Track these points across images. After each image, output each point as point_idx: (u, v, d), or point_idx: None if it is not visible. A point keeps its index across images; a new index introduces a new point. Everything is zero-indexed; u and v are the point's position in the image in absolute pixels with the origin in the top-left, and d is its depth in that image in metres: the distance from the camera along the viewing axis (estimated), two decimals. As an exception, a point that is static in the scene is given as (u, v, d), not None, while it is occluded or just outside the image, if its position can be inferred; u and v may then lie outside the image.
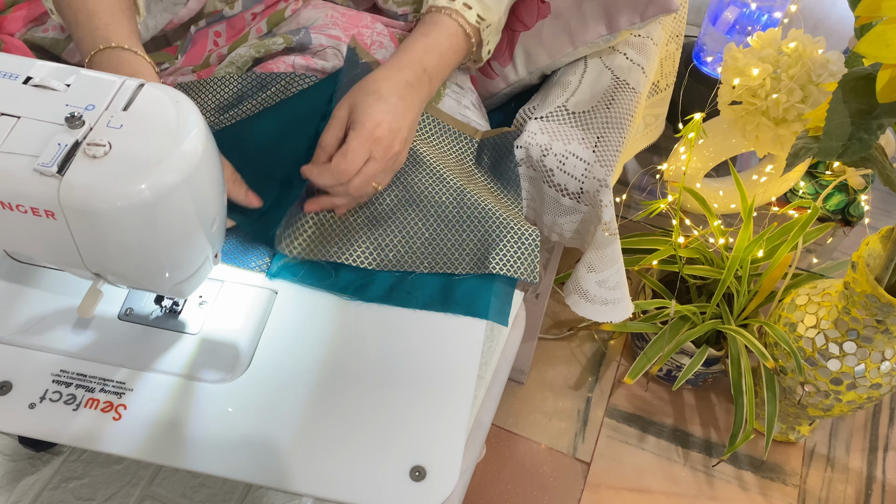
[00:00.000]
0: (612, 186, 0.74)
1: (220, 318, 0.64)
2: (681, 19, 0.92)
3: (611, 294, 0.80)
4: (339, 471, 0.55)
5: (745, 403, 1.02)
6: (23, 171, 0.45)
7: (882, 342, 0.92)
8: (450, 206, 0.68)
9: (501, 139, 0.76)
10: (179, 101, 0.49)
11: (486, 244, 0.66)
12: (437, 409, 0.59)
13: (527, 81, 0.85)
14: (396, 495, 0.54)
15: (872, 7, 0.58)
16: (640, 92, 0.79)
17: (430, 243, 0.67)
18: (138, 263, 0.51)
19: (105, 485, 1.09)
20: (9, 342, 0.61)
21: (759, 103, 0.96)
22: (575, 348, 1.28)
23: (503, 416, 1.19)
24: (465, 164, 0.75)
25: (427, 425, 0.58)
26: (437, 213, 0.68)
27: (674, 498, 1.12)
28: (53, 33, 0.81)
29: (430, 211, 0.68)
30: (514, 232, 0.67)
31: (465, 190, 0.69)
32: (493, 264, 0.65)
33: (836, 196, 1.30)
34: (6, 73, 0.49)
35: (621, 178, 1.35)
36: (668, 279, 1.19)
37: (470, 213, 0.68)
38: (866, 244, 0.87)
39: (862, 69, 0.65)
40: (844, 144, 0.64)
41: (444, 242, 0.67)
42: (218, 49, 0.79)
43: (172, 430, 0.57)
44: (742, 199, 1.05)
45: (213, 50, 0.79)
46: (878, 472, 1.15)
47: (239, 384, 0.59)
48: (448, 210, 0.68)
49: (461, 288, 0.65)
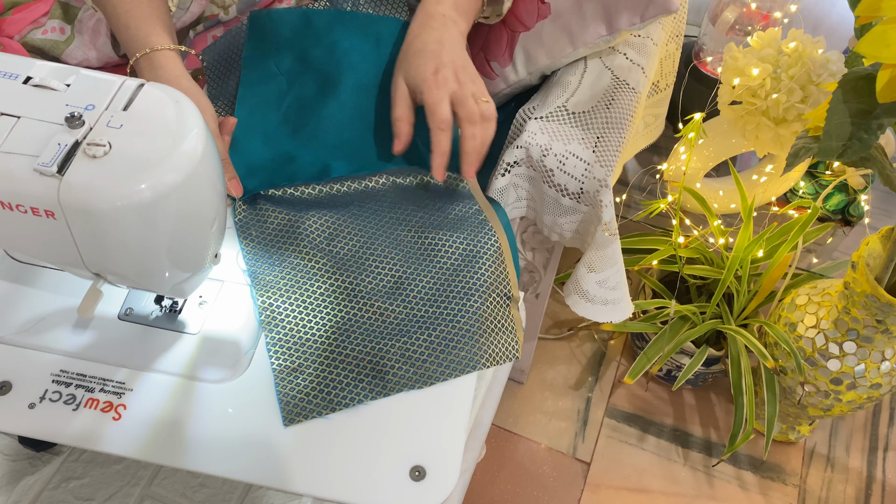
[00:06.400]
0: (612, 186, 0.74)
1: (220, 318, 0.63)
2: (681, 19, 0.92)
3: (611, 294, 0.80)
4: (339, 471, 0.55)
5: (745, 403, 1.02)
6: (23, 171, 0.45)
7: (882, 342, 0.92)
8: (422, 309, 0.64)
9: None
10: (179, 101, 0.49)
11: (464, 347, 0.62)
12: (436, 409, 0.59)
13: (527, 82, 0.85)
14: (396, 495, 0.54)
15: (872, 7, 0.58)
16: (640, 92, 0.79)
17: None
18: (138, 263, 0.51)
19: (105, 485, 1.09)
20: (9, 342, 0.61)
21: (759, 103, 0.96)
22: (575, 348, 1.28)
23: (503, 416, 1.19)
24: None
25: (427, 425, 0.58)
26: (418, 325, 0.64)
27: (674, 498, 1.12)
28: (52, 35, 0.81)
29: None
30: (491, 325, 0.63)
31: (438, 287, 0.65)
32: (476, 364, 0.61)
33: (836, 196, 1.30)
34: (6, 73, 0.49)
35: (621, 178, 1.35)
36: (668, 279, 1.19)
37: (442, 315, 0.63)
38: (866, 244, 0.87)
39: (862, 69, 0.65)
40: (844, 144, 0.64)
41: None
42: None
43: (172, 430, 0.57)
44: (742, 199, 1.05)
45: None
46: (878, 472, 1.15)
47: (239, 384, 0.59)
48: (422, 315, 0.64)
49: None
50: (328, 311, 0.63)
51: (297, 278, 0.64)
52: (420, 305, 0.63)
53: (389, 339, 0.61)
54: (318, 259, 0.66)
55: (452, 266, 0.65)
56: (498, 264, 0.66)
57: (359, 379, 0.59)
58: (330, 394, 0.58)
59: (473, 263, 0.65)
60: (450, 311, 0.63)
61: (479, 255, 0.66)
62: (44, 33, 0.81)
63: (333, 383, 0.59)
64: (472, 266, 0.65)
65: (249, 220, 0.68)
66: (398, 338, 0.61)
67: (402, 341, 0.61)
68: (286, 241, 0.67)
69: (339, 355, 0.61)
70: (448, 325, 0.62)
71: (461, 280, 0.64)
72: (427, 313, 0.63)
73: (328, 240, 0.67)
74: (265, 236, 0.67)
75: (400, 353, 0.60)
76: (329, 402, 0.58)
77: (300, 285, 0.64)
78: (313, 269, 0.65)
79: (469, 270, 0.65)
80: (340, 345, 0.61)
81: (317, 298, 0.64)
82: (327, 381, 0.59)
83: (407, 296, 0.64)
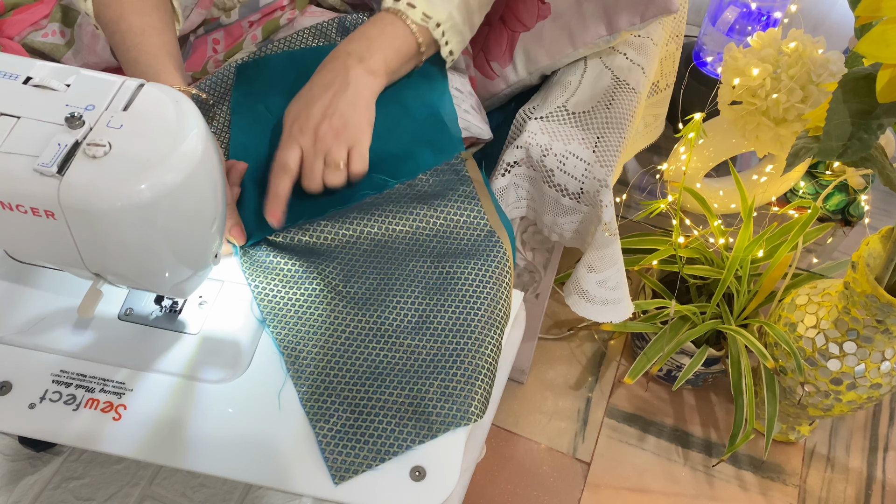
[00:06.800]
0: (612, 186, 0.74)
1: (220, 318, 0.63)
2: (681, 19, 0.92)
3: (611, 294, 0.80)
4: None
5: (745, 403, 1.02)
6: (23, 171, 0.45)
7: (882, 342, 0.92)
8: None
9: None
10: (179, 101, 0.49)
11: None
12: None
13: (527, 82, 0.85)
14: (396, 495, 0.54)
15: (872, 7, 0.58)
16: (640, 92, 0.79)
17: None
18: (138, 263, 0.51)
19: (105, 485, 1.09)
20: (9, 342, 0.61)
21: (759, 103, 0.96)
22: (575, 348, 1.28)
23: (503, 416, 1.19)
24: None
25: (427, 425, 0.58)
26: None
27: (674, 498, 1.12)
28: (53, 38, 0.81)
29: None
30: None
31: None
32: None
33: (836, 196, 1.30)
34: (6, 73, 0.49)
35: (621, 178, 1.35)
36: (668, 279, 1.19)
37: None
38: (866, 244, 0.87)
39: (862, 69, 0.65)
40: (844, 144, 0.64)
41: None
42: (216, 55, 0.80)
43: (172, 430, 0.57)
44: (742, 199, 1.05)
45: (211, 56, 0.80)
46: (878, 472, 1.15)
47: (239, 384, 0.59)
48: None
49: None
50: (357, 354, 0.61)
51: (319, 323, 0.62)
52: (450, 338, 0.61)
53: (427, 378, 0.59)
54: (338, 303, 0.63)
55: (474, 294, 0.63)
56: (509, 290, 0.65)
57: (402, 424, 0.57)
58: (376, 443, 0.56)
59: (491, 291, 0.64)
60: (475, 341, 0.61)
61: (497, 281, 0.64)
62: (44, 36, 0.81)
63: (378, 431, 0.57)
64: (491, 295, 0.63)
65: (258, 269, 0.66)
66: (436, 375, 0.59)
67: (441, 378, 0.59)
68: (302, 287, 0.65)
69: (377, 401, 0.58)
70: (476, 356, 0.60)
71: (484, 309, 0.62)
72: (458, 345, 0.61)
73: (344, 282, 0.65)
74: (277, 283, 0.65)
75: (441, 392, 0.58)
76: (377, 451, 0.56)
77: (323, 330, 0.62)
78: (333, 311, 0.63)
79: (490, 300, 0.63)
80: (378, 389, 0.59)
81: (343, 342, 0.62)
82: (371, 430, 0.57)
83: (435, 329, 0.62)
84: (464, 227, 0.68)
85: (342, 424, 0.57)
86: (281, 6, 0.79)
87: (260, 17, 0.80)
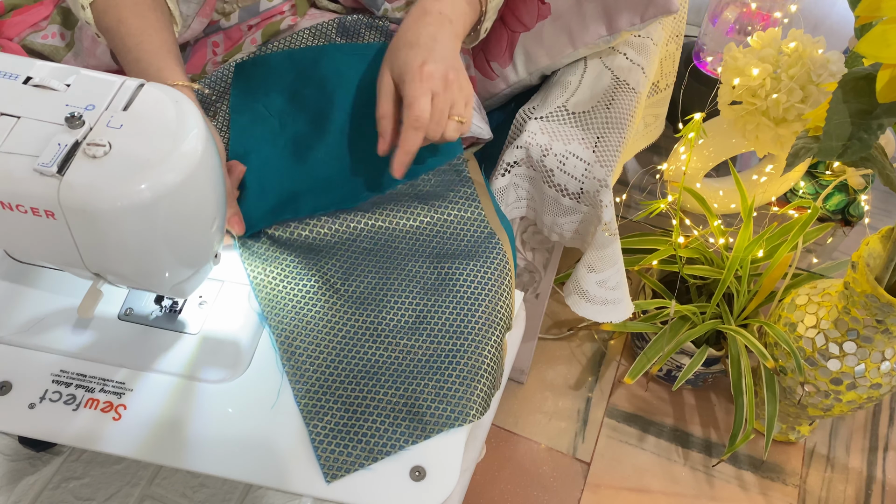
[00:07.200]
0: (612, 186, 0.74)
1: (220, 318, 0.63)
2: (681, 19, 0.92)
3: (611, 294, 0.80)
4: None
5: (745, 403, 1.02)
6: (23, 171, 0.45)
7: (882, 342, 0.92)
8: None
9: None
10: (179, 101, 0.49)
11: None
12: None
13: (527, 82, 0.85)
14: (396, 495, 0.54)
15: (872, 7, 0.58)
16: (640, 92, 0.79)
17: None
18: (138, 263, 0.51)
19: (105, 485, 1.09)
20: (9, 342, 0.61)
21: (759, 103, 0.96)
22: (575, 348, 1.28)
23: (503, 416, 1.19)
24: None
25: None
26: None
27: (674, 498, 1.12)
28: (53, 41, 0.81)
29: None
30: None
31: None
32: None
33: (836, 196, 1.30)
34: (6, 73, 0.49)
35: (621, 178, 1.35)
36: (668, 279, 1.19)
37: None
38: (866, 244, 0.87)
39: (862, 69, 0.65)
40: (844, 144, 0.64)
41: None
42: (215, 58, 0.80)
43: (172, 430, 0.57)
44: (742, 199, 1.05)
45: (211, 59, 0.80)
46: (878, 472, 1.15)
47: (239, 384, 0.59)
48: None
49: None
50: (353, 353, 0.61)
51: (316, 321, 0.62)
52: (447, 339, 0.61)
53: (423, 379, 0.59)
54: (335, 301, 0.63)
55: (472, 295, 0.63)
56: (510, 292, 0.65)
57: (396, 424, 0.57)
58: (369, 443, 0.56)
59: (490, 293, 0.63)
60: (473, 342, 0.61)
61: (496, 283, 0.64)
62: (44, 38, 0.80)
63: (371, 431, 0.57)
64: (490, 296, 0.63)
65: (257, 260, 0.66)
66: (431, 375, 0.59)
67: (436, 379, 0.59)
68: (300, 282, 0.65)
69: (372, 400, 0.58)
70: (474, 357, 0.60)
71: (482, 311, 0.62)
72: (455, 346, 0.61)
73: (343, 280, 0.65)
74: (276, 275, 0.65)
75: (435, 392, 0.58)
76: (370, 451, 0.56)
77: (320, 328, 0.62)
78: (331, 309, 0.63)
79: (489, 301, 0.63)
80: (373, 389, 0.59)
81: (340, 341, 0.62)
82: (364, 429, 0.57)
83: (432, 330, 0.62)
84: (464, 228, 0.68)
85: (336, 423, 0.57)
86: (281, 11, 0.79)
87: (260, 20, 0.80)
